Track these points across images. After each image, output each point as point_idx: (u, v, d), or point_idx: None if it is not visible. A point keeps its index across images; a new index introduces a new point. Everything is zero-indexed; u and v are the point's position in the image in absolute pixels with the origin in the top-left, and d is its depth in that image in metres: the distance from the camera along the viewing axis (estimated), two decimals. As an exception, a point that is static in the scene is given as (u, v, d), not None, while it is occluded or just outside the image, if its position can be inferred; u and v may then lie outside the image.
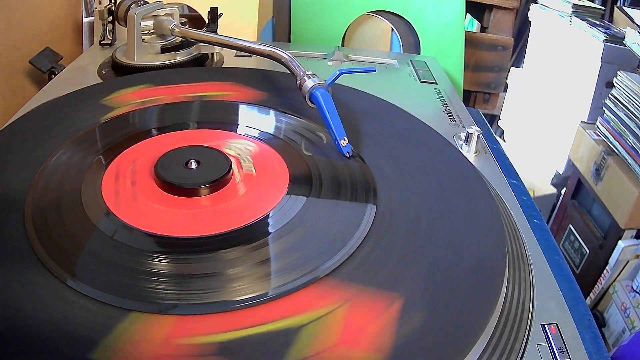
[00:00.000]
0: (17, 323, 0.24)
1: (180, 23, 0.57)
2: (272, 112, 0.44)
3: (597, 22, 0.99)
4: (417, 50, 0.76)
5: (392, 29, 0.77)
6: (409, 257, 0.30)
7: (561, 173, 1.06)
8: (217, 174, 0.34)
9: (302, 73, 0.43)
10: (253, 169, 0.37)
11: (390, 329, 0.25)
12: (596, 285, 0.85)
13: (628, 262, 0.81)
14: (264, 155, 0.39)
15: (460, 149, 0.44)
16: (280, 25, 0.75)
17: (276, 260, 0.29)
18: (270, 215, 0.32)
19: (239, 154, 0.38)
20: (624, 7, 1.04)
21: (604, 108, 0.86)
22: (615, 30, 0.94)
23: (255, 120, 0.43)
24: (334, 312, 0.26)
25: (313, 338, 0.24)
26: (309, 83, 0.42)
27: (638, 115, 0.77)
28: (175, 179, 0.34)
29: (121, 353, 0.23)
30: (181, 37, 0.56)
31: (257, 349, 0.24)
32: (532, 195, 0.90)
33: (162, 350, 0.24)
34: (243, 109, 0.45)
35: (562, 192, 1.03)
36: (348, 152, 0.38)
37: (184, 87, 0.48)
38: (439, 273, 0.29)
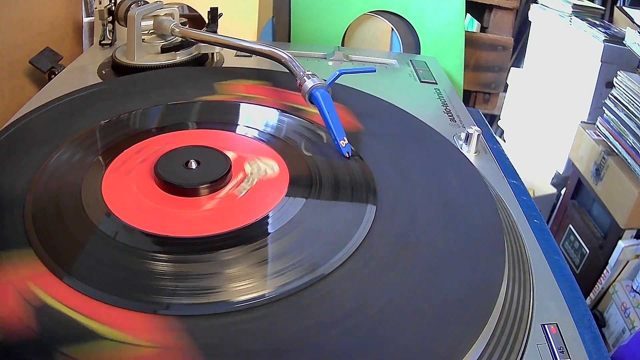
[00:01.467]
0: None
1: (180, 23, 0.57)
2: (272, 112, 0.44)
3: (597, 22, 0.99)
4: (417, 50, 0.76)
5: (392, 29, 0.77)
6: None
7: (561, 173, 1.06)
8: (217, 174, 0.34)
9: (301, 73, 0.43)
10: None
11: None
12: (596, 285, 0.85)
13: (628, 262, 0.81)
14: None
15: (460, 149, 0.44)
16: (280, 25, 0.75)
17: (276, 260, 0.29)
18: (270, 215, 0.32)
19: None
20: (624, 7, 1.04)
21: (604, 108, 0.86)
22: (615, 30, 0.94)
23: (255, 120, 0.43)
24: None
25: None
26: (308, 83, 0.42)
27: (638, 115, 0.77)
28: (175, 179, 0.34)
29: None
30: (181, 37, 0.56)
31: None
32: (532, 195, 0.90)
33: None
34: (243, 109, 0.45)
35: (562, 192, 1.03)
36: (348, 153, 0.38)
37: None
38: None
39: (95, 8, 0.64)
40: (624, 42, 0.82)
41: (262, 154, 0.38)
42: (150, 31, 0.57)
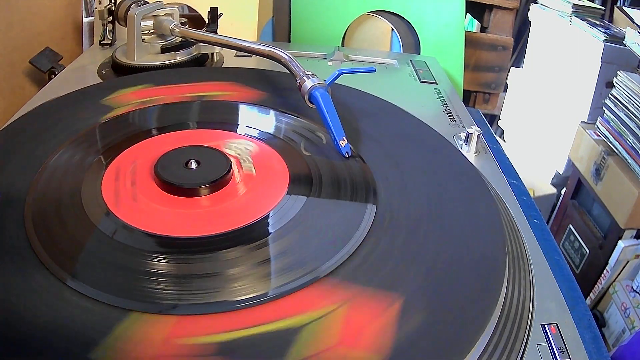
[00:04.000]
0: (16, 323, 0.24)
1: (180, 23, 0.57)
2: (272, 112, 0.44)
3: (597, 22, 0.99)
4: (417, 50, 0.76)
5: (392, 29, 0.77)
6: (409, 257, 0.30)
7: (561, 173, 1.06)
8: (217, 174, 0.34)
9: (301, 73, 0.43)
10: (253, 169, 0.37)
11: (390, 329, 0.25)
12: (596, 285, 0.85)
13: (628, 262, 0.81)
14: (264, 155, 0.39)
15: (460, 149, 0.44)
16: (280, 25, 0.75)
17: (276, 260, 0.29)
18: (270, 215, 0.32)
19: (239, 154, 0.38)
20: (624, 7, 1.04)
21: (604, 108, 0.86)
22: (615, 30, 0.94)
23: (255, 120, 0.43)
24: (334, 312, 0.26)
25: (313, 338, 0.24)
26: (308, 83, 0.42)
27: (638, 115, 0.77)
28: (175, 179, 0.34)
29: (121, 353, 0.23)
30: (181, 37, 0.56)
31: (257, 349, 0.24)
32: (532, 195, 0.90)
33: (162, 350, 0.24)
34: (243, 109, 0.45)
35: (562, 192, 1.03)
36: (347, 153, 0.38)
37: (184, 87, 0.48)
38: (439, 273, 0.29)
39: (95, 8, 0.64)
40: (624, 42, 0.82)
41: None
42: (150, 31, 0.57)
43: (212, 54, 0.60)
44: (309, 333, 0.25)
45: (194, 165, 0.35)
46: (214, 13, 0.60)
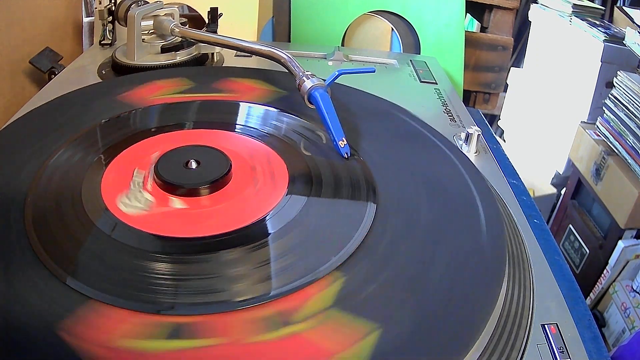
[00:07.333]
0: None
1: (180, 23, 0.57)
2: (272, 112, 0.44)
3: (597, 22, 0.99)
4: (417, 50, 0.76)
5: (392, 29, 0.77)
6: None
7: (561, 173, 1.06)
8: (217, 174, 0.34)
9: (301, 73, 0.43)
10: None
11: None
12: (596, 285, 0.85)
13: (628, 262, 0.81)
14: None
15: (460, 149, 0.44)
16: (280, 25, 0.75)
17: (276, 260, 0.29)
18: (270, 215, 0.32)
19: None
20: (624, 7, 1.04)
21: (604, 108, 0.86)
22: (615, 30, 0.95)
23: (255, 120, 0.43)
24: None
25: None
26: (307, 83, 0.42)
27: (638, 115, 0.77)
28: (175, 179, 0.34)
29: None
30: (181, 37, 0.56)
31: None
32: (532, 195, 0.90)
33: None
34: (243, 109, 0.45)
35: (562, 192, 1.03)
36: (347, 153, 0.38)
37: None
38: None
39: (95, 8, 0.64)
40: (624, 42, 0.82)
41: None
42: (150, 31, 0.57)
43: (212, 54, 0.60)
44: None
45: (194, 165, 0.35)
46: (214, 13, 0.60)
